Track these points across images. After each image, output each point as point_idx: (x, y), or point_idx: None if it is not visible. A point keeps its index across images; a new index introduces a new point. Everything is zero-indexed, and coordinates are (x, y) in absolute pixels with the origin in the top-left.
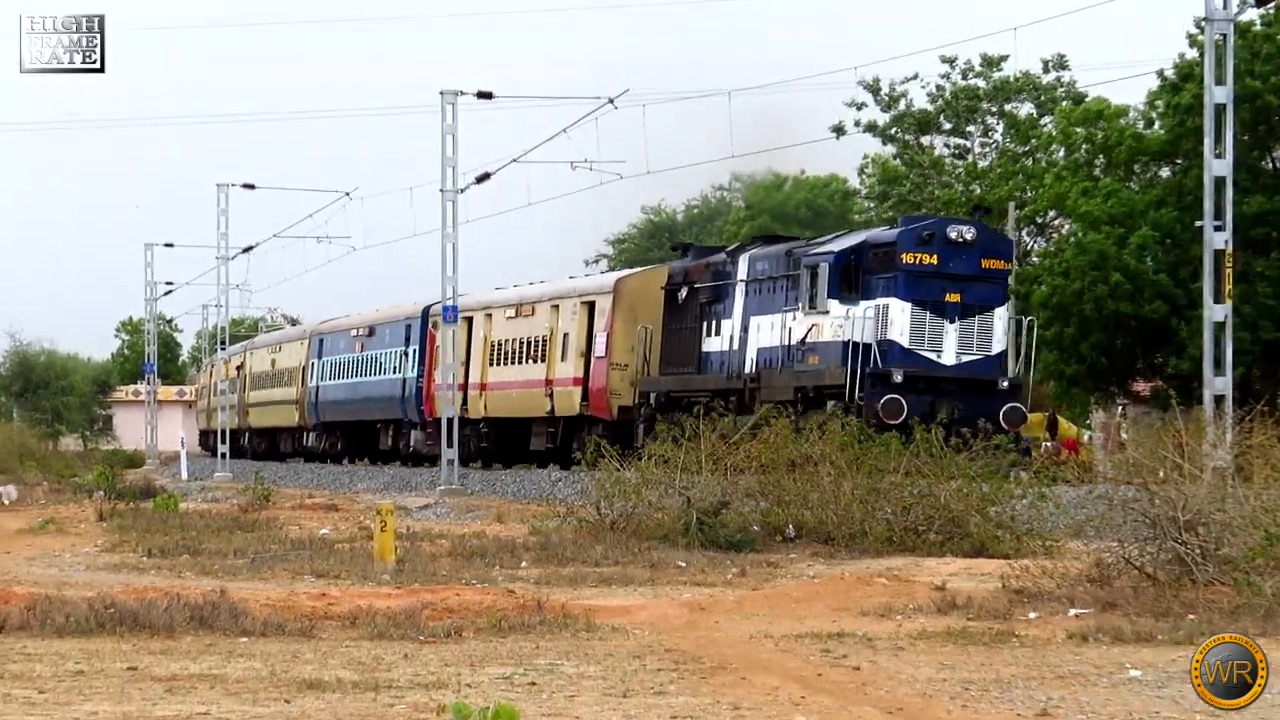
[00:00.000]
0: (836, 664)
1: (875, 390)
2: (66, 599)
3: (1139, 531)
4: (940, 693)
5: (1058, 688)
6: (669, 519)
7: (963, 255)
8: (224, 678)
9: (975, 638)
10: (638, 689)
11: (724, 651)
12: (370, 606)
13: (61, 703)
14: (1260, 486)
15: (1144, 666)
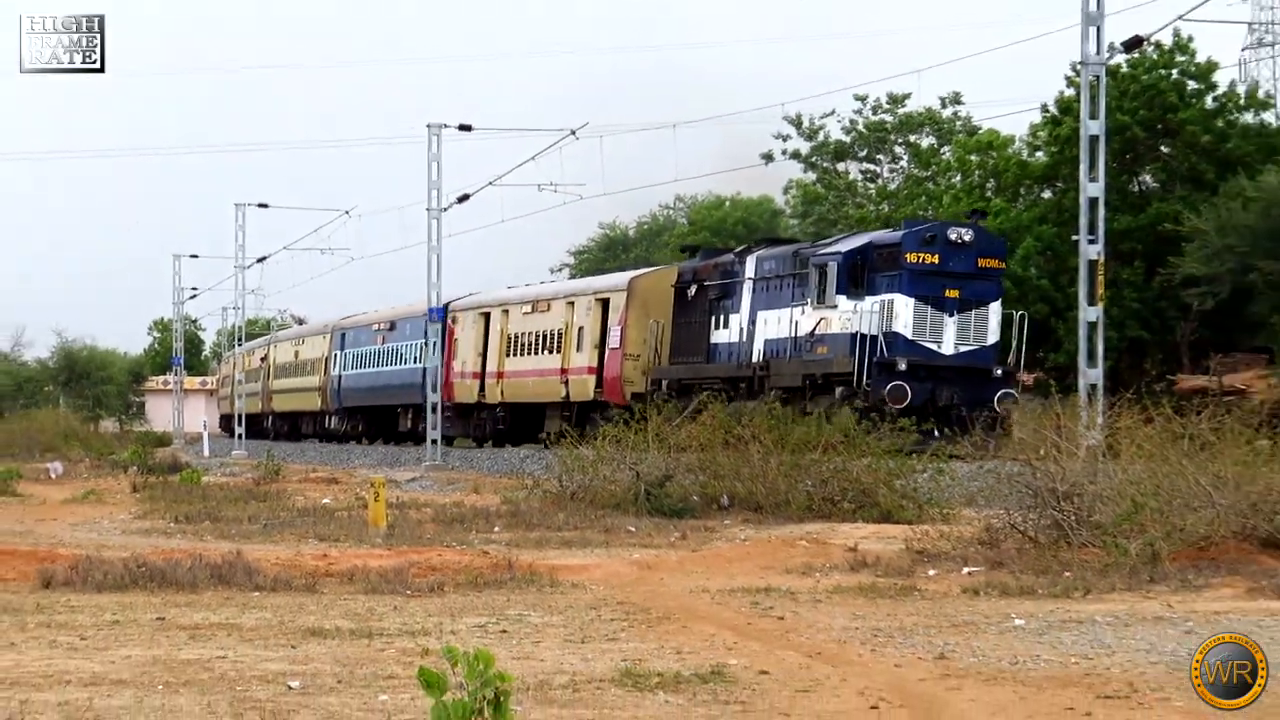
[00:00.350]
0: (764, 614)
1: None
2: (104, 559)
3: (1023, 501)
4: (852, 639)
5: (953, 635)
6: (621, 490)
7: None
8: (239, 626)
9: (882, 592)
10: (593, 636)
11: (668, 604)
12: (365, 565)
13: (100, 648)
14: (1126, 462)
15: (1027, 616)
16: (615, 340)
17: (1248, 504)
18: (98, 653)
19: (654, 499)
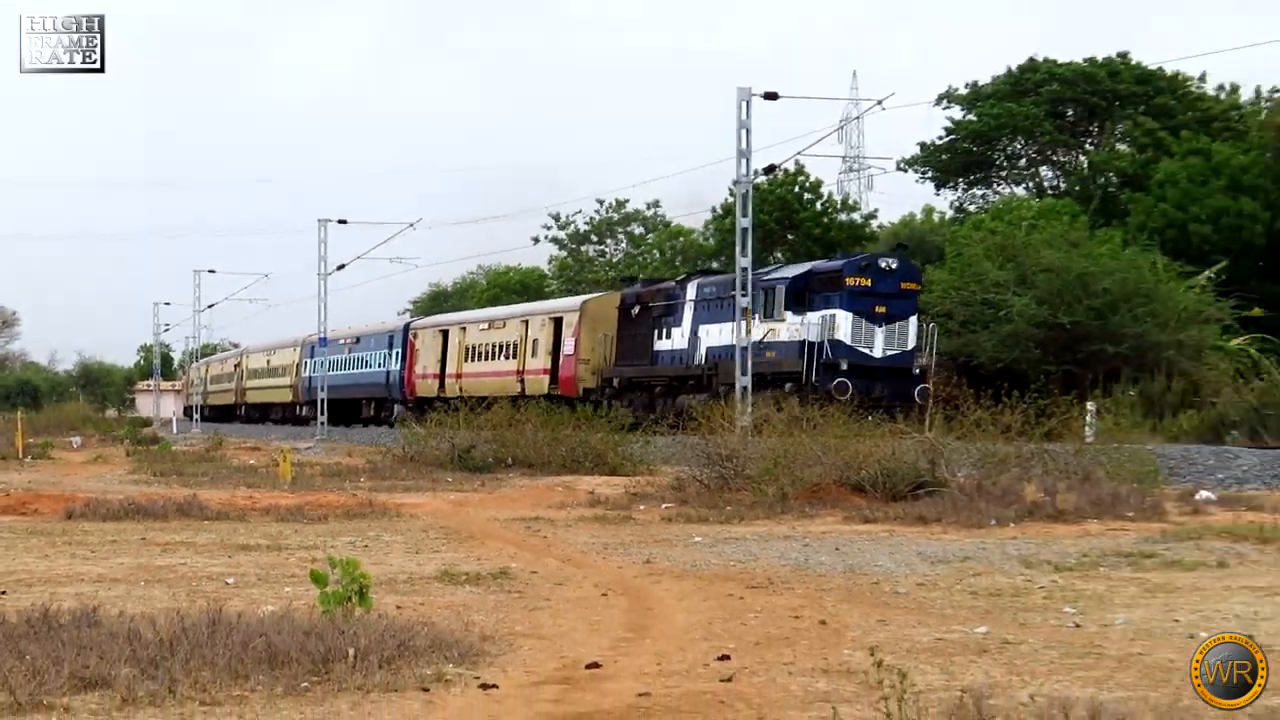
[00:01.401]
0: (533, 534)
1: (827, 375)
2: (107, 500)
3: (699, 461)
4: (590, 550)
5: (655, 547)
6: (443, 454)
7: (888, 279)
8: (194, 543)
9: (609, 520)
10: (424, 549)
11: (472, 528)
12: (276, 504)
13: (103, 557)
14: (765, 436)
15: (703, 535)
16: (570, 349)
17: (843, 462)
18: (101, 560)
19: (464, 460)
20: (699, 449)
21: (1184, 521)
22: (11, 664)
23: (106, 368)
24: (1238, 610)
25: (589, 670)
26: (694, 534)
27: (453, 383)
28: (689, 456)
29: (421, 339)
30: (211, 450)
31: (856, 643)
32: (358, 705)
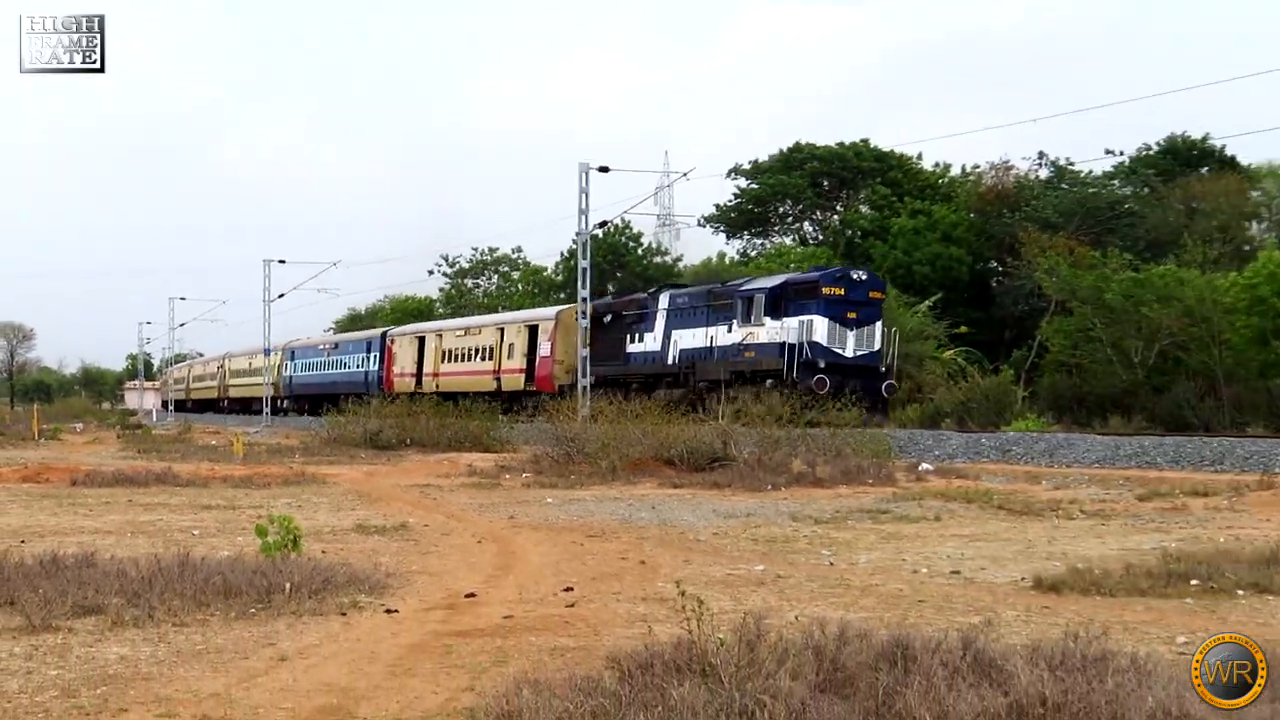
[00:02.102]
0: (426, 497)
1: (807, 372)
2: (102, 471)
3: (550, 441)
4: (468, 509)
5: (518, 506)
6: (358, 436)
7: (858, 289)
8: (168, 504)
9: (483, 486)
10: (343, 508)
11: (379, 492)
12: (231, 474)
13: (99, 515)
14: (601, 424)
15: (553, 497)
16: (546, 352)
17: (658, 443)
18: (97, 517)
19: (374, 441)
20: (550, 433)
21: (910, 487)
22: (27, 595)
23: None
24: (949, 552)
25: (467, 599)
26: (546, 496)
27: (430, 380)
28: (543, 438)
29: (399, 344)
30: (182, 434)
31: (667, 577)
32: (292, 625)
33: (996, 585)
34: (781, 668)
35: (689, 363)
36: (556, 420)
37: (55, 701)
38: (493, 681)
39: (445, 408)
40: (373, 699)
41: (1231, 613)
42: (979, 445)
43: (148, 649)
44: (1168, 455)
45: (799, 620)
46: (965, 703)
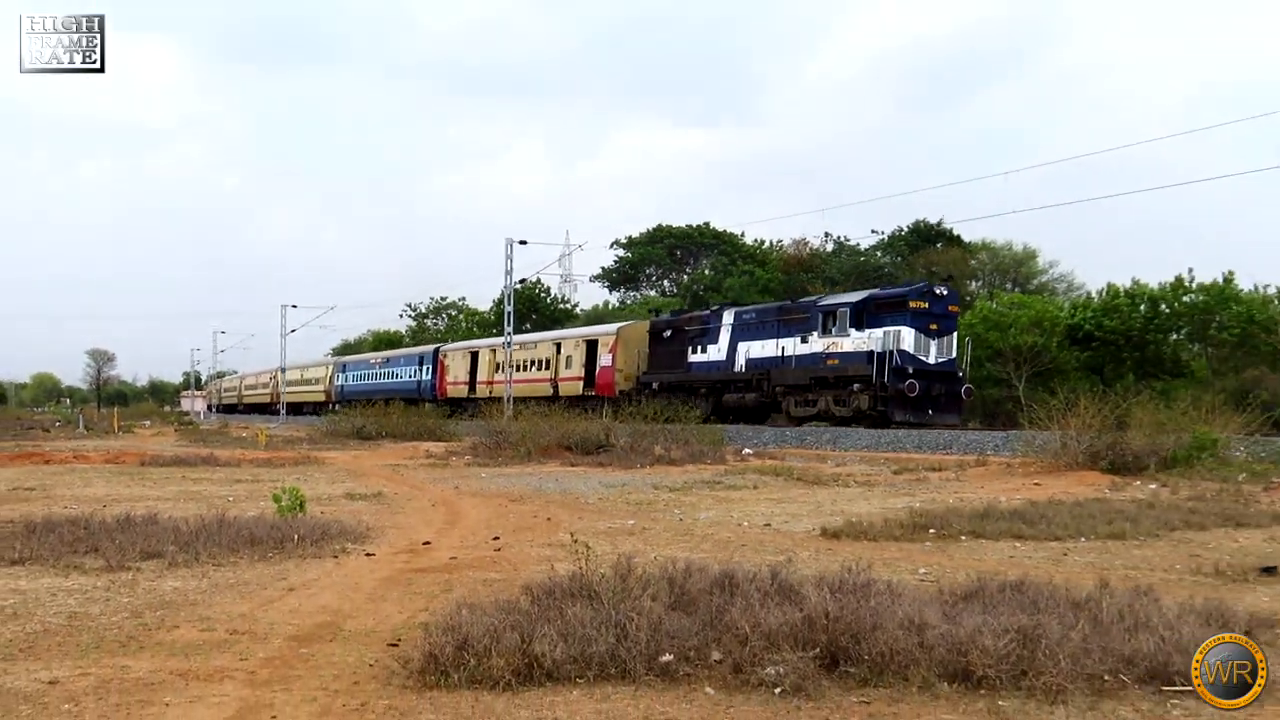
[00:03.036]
0: (396, 473)
1: (897, 378)
2: (163, 455)
3: (485, 433)
4: (425, 481)
5: (461, 480)
6: (348, 430)
7: (940, 303)
8: (210, 479)
9: (437, 465)
10: (336, 481)
11: (363, 469)
12: (256, 457)
13: (159, 486)
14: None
15: (487, 473)
16: (608, 362)
17: (561, 434)
18: (159, 488)
19: (359, 433)
20: (484, 428)
21: (736, 465)
22: (107, 544)
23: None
24: (762, 510)
25: (424, 545)
26: (481, 473)
27: (484, 388)
28: (480, 431)
29: (451, 358)
30: (221, 429)
31: (565, 529)
32: (299, 565)
33: (795, 534)
34: (644, 593)
35: (760, 370)
36: (489, 419)
37: (126, 620)
38: (441, 604)
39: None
40: (356, 617)
41: (957, 552)
42: (784, 436)
43: (194, 582)
44: (914, 443)
45: (657, 559)
46: (773, 617)
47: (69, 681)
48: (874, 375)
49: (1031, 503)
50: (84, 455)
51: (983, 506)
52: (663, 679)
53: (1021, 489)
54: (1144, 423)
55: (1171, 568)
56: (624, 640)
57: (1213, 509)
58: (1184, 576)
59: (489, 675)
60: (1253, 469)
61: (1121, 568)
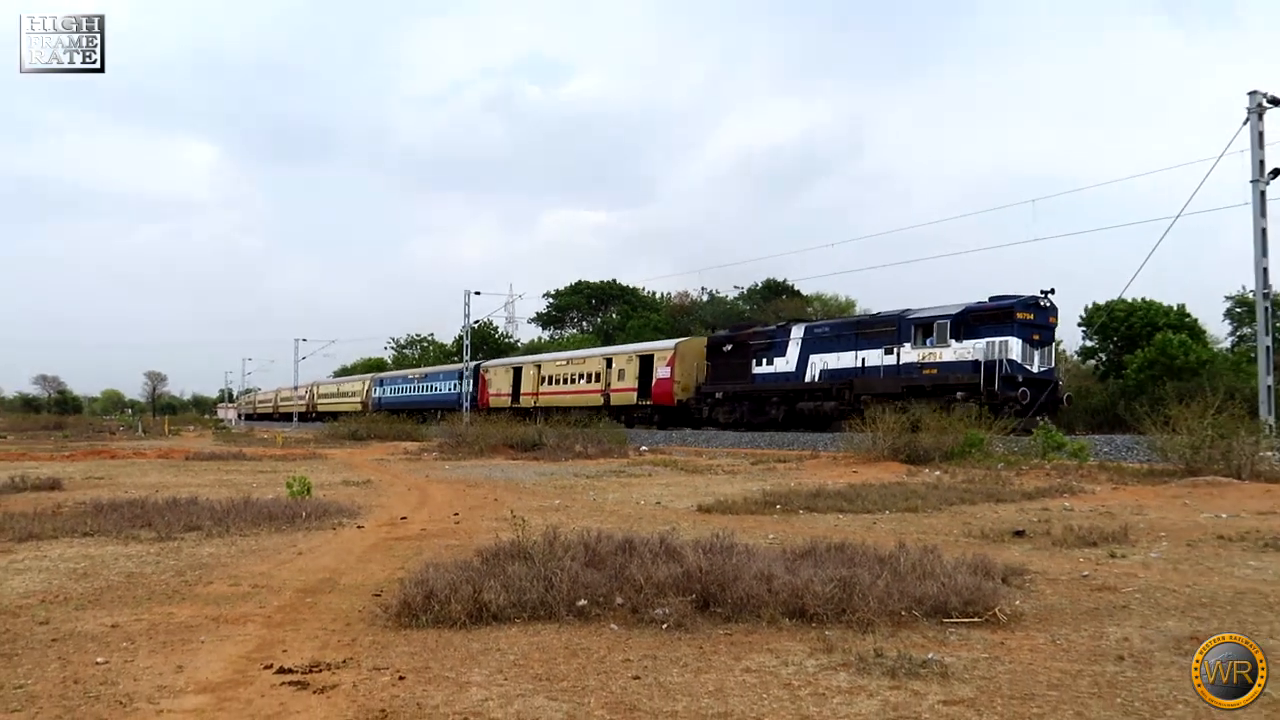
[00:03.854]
0: (381, 466)
1: (1008, 386)
2: (204, 452)
3: (448, 435)
4: (404, 471)
5: (431, 470)
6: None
7: (1043, 314)
8: (239, 470)
9: (412, 459)
10: (336, 471)
11: (355, 462)
12: (274, 454)
13: (199, 475)
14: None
15: (450, 465)
16: (665, 374)
17: (505, 436)
18: (199, 477)
19: (353, 435)
20: (448, 430)
21: (636, 458)
22: (158, 520)
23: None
24: (655, 492)
25: (401, 520)
26: (445, 465)
27: (528, 399)
28: (444, 433)
29: (493, 373)
30: (248, 433)
31: (509, 508)
32: (306, 535)
33: (679, 509)
34: (566, 554)
35: (839, 380)
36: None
37: (172, 577)
38: (414, 564)
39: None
40: (349, 574)
41: (796, 522)
42: (671, 437)
43: (225, 549)
44: (768, 442)
45: (576, 529)
46: (661, 571)
47: (126, 625)
48: (981, 384)
49: (851, 486)
50: (141, 452)
51: (815, 488)
52: (579, 618)
53: (844, 476)
54: (931, 427)
55: (950, 532)
56: (550, 590)
57: (980, 489)
58: (959, 539)
59: (449, 617)
60: (1008, 460)
61: (914, 532)
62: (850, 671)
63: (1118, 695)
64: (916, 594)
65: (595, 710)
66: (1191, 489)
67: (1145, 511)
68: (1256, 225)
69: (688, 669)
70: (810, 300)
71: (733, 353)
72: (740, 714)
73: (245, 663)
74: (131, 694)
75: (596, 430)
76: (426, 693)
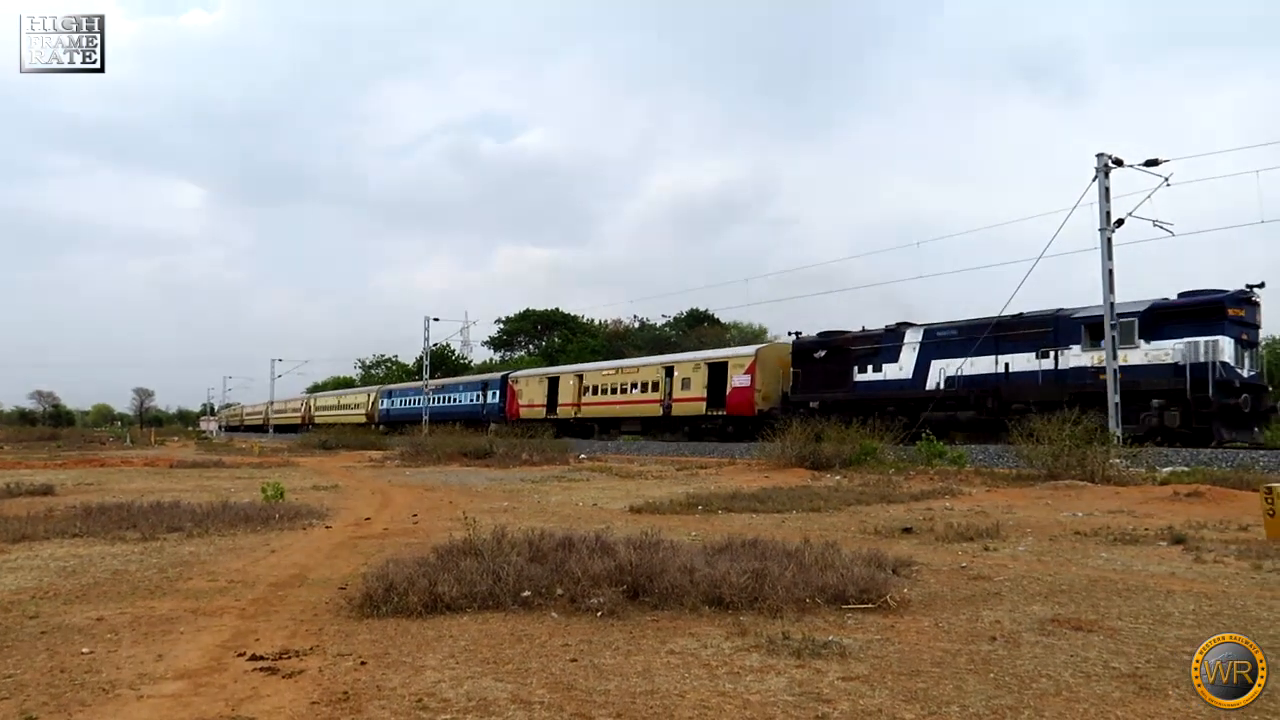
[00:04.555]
0: (349, 472)
1: (1223, 392)
2: (186, 460)
3: (408, 445)
4: (369, 477)
5: (392, 475)
6: (316, 443)
7: (1253, 311)
8: (218, 476)
9: (377, 466)
10: (306, 477)
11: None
12: (251, 462)
13: (182, 481)
14: (433, 437)
15: (410, 472)
16: (744, 383)
17: (460, 445)
18: (182, 483)
19: (324, 445)
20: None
21: (577, 466)
22: (143, 522)
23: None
24: (593, 495)
25: (366, 520)
26: (406, 471)
27: (568, 410)
28: (404, 444)
29: (523, 384)
30: (227, 443)
31: (462, 510)
32: (279, 534)
33: (613, 510)
34: (513, 550)
35: (975, 388)
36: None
37: (155, 574)
38: (376, 560)
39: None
40: (317, 570)
41: (716, 520)
42: (607, 447)
43: (205, 548)
44: (693, 450)
45: (521, 528)
46: (597, 565)
47: (111, 618)
48: (1188, 389)
49: (763, 489)
50: (129, 461)
51: (732, 491)
52: (524, 608)
53: (757, 480)
54: (832, 438)
55: (848, 529)
56: (498, 582)
57: (874, 492)
58: (856, 535)
59: (407, 607)
60: (898, 466)
61: (818, 530)
62: (761, 653)
63: (991, 671)
64: (819, 584)
65: (537, 690)
66: (1053, 491)
67: (1014, 511)
68: (1104, 267)
69: (619, 652)
70: (728, 328)
71: (828, 359)
72: (665, 691)
73: (221, 651)
74: (114, 681)
75: (541, 441)
76: (386, 676)
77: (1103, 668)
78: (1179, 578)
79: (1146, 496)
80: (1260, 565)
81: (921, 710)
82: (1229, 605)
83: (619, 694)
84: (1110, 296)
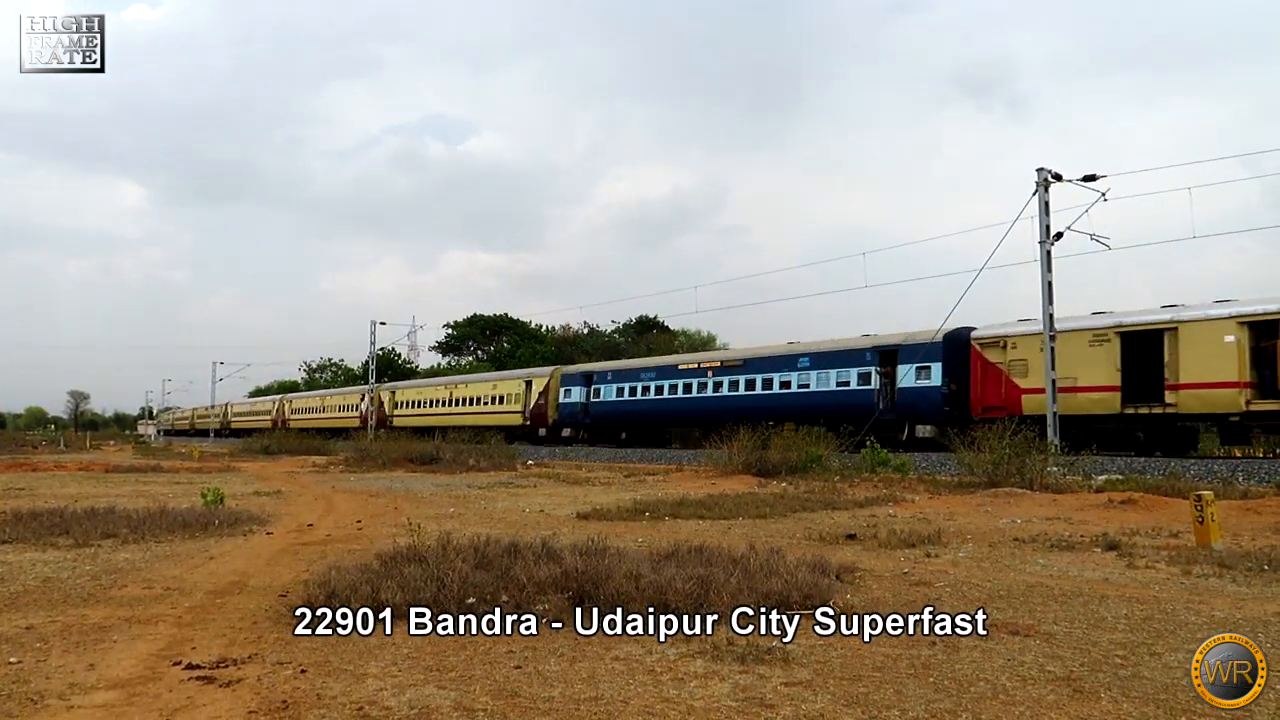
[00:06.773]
0: (291, 478)
1: None
2: (123, 464)
3: (354, 451)
4: (312, 483)
5: (337, 481)
6: (259, 448)
7: None
8: (156, 481)
9: (320, 471)
10: (248, 482)
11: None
12: (190, 466)
13: (118, 486)
14: (377, 443)
15: (355, 478)
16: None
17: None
18: (118, 488)
19: (265, 450)
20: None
21: (525, 472)
22: (76, 528)
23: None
24: (540, 501)
25: (308, 527)
26: (350, 478)
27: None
28: (351, 449)
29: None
30: (166, 447)
31: (408, 516)
32: (218, 541)
33: (559, 516)
34: (458, 556)
35: None
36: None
37: (87, 582)
38: (318, 567)
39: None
40: (258, 576)
41: (662, 527)
42: (554, 452)
43: (140, 554)
44: (640, 457)
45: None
46: (543, 571)
47: (41, 627)
48: None
49: (710, 496)
50: (63, 465)
51: (679, 498)
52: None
53: (704, 487)
54: (778, 445)
55: (793, 535)
56: (442, 589)
57: (819, 498)
58: (801, 541)
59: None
60: (843, 473)
61: (763, 536)
62: (706, 659)
63: (931, 675)
64: (764, 589)
65: (480, 697)
66: (993, 498)
67: (955, 517)
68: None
69: (564, 658)
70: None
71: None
72: (610, 698)
73: (155, 660)
74: (43, 691)
75: (488, 447)
76: (326, 684)
77: (1039, 671)
78: (1112, 583)
79: (1082, 504)
80: (1190, 570)
81: (862, 714)
82: (1160, 610)
83: (563, 700)
84: (1049, 308)
